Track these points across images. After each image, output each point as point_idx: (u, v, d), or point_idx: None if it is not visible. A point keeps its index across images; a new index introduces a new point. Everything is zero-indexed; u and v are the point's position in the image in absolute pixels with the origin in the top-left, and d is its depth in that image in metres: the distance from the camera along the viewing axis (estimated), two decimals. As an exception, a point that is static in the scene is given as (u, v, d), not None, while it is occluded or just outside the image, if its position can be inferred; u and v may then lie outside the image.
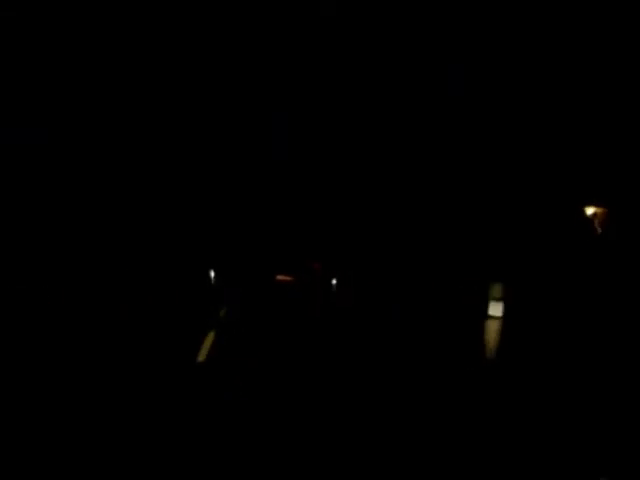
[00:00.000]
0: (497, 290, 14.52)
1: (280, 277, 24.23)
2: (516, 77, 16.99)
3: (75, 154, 22.00)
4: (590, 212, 13.16)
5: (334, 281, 26.35)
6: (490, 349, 8.94)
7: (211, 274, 27.48)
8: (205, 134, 28.91)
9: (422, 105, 21.33)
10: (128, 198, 24.88)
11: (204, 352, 6.95)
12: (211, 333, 8.28)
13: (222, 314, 12.87)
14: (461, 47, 18.68)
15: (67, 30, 19.68)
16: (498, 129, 17.90)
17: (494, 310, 13.90)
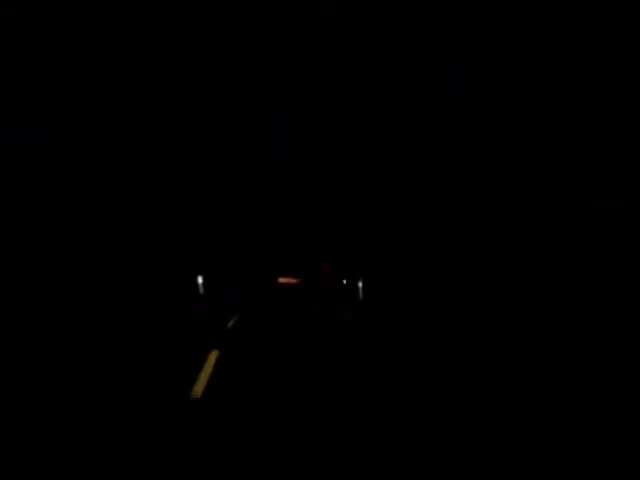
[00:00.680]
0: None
1: (283, 280, 24.06)
2: (516, 77, 17.00)
3: (75, 154, 22.00)
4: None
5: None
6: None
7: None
8: (205, 134, 28.94)
9: (422, 105, 21.35)
10: (128, 198, 24.88)
11: (207, 369, 6.84)
12: (214, 351, 8.09)
13: (230, 325, 12.80)
14: (461, 47, 18.70)
15: (67, 30, 19.70)
16: (498, 129, 17.92)
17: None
